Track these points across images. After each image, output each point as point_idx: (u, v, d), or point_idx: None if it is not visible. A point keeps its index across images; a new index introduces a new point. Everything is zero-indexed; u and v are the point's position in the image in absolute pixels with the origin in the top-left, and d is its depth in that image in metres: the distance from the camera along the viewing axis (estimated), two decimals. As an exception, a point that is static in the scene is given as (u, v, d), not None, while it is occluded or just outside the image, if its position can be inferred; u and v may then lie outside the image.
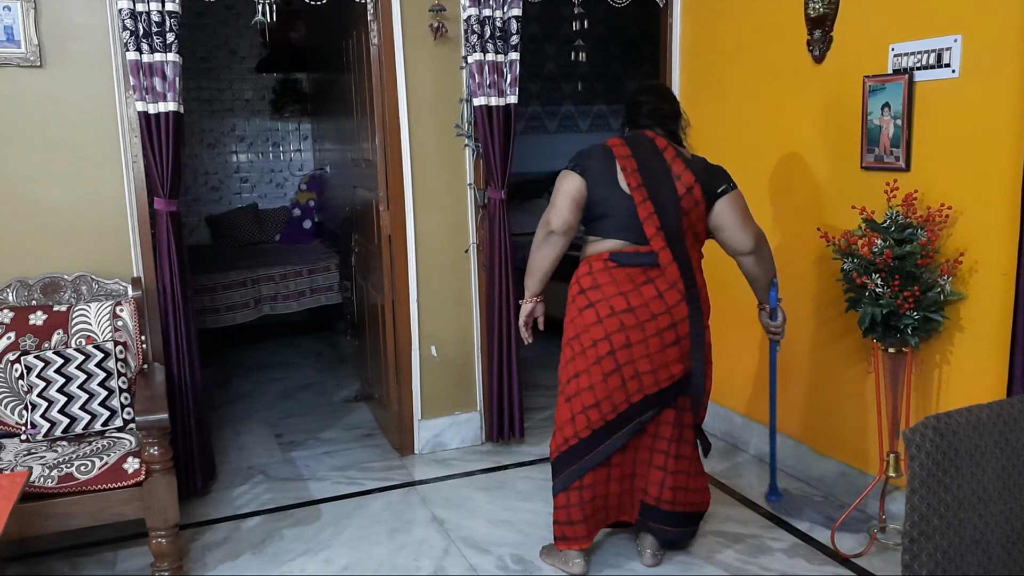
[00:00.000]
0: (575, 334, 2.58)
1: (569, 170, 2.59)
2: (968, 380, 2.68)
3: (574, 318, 2.59)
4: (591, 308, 2.53)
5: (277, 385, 4.97)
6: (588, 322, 2.53)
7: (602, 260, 2.55)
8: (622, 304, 2.50)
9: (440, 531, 3.06)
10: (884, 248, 2.61)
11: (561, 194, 2.56)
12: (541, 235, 2.59)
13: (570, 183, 2.56)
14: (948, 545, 1.45)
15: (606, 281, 2.53)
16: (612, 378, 2.52)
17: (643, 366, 2.51)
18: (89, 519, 2.55)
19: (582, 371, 2.56)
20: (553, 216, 2.55)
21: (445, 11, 3.50)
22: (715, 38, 3.70)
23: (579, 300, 2.57)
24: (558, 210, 2.54)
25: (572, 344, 2.59)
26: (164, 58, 3.02)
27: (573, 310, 2.60)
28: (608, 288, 2.52)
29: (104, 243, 3.16)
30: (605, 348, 2.51)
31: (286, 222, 6.66)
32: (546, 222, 2.56)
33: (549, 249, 2.59)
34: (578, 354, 2.57)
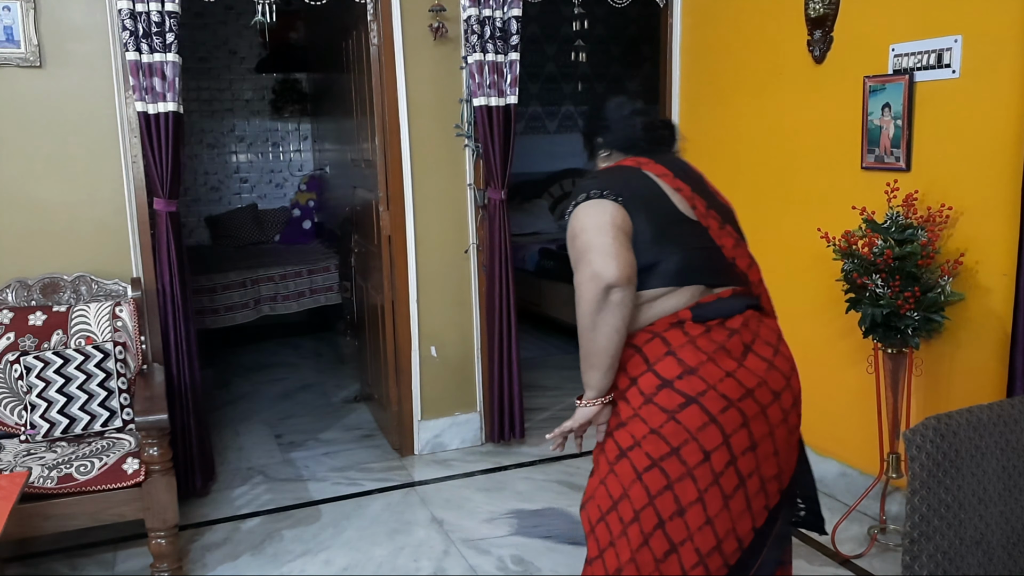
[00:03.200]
0: (670, 448, 1.66)
1: (592, 199, 1.72)
2: (968, 381, 2.68)
3: (662, 423, 1.67)
4: (693, 405, 1.65)
5: (277, 386, 4.96)
6: (692, 425, 1.65)
7: (678, 326, 1.71)
8: (735, 388, 1.67)
9: (440, 532, 3.06)
10: (884, 248, 2.60)
11: (599, 229, 1.66)
12: (592, 298, 1.64)
13: (605, 211, 1.69)
14: (948, 546, 1.45)
15: (700, 359, 1.67)
16: (735, 500, 1.67)
17: (769, 470, 1.72)
18: (89, 519, 2.55)
19: (692, 501, 1.65)
20: (603, 262, 1.62)
21: (445, 11, 3.50)
22: (715, 38, 3.70)
23: (665, 397, 1.67)
24: (607, 251, 1.63)
25: (666, 464, 1.66)
26: (164, 58, 3.02)
27: (655, 413, 1.68)
28: (710, 368, 1.67)
29: (104, 243, 3.16)
30: (723, 458, 1.66)
31: (286, 222, 6.65)
32: (594, 276, 1.62)
33: (613, 316, 1.64)
34: (680, 477, 1.66)
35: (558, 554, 2.87)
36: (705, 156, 3.80)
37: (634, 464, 1.69)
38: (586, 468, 3.50)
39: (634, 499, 1.68)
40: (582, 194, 1.74)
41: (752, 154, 3.51)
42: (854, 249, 2.73)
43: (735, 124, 3.61)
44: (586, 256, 1.66)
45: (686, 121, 3.92)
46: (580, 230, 1.70)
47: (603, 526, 1.74)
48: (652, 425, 1.67)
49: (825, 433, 3.23)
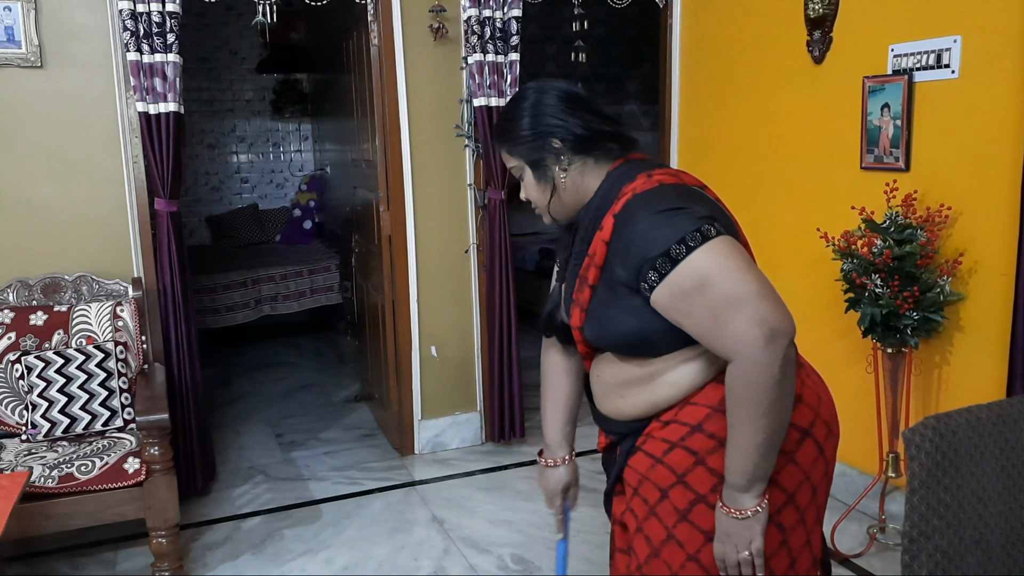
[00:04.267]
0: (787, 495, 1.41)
1: (715, 235, 1.31)
2: (968, 380, 2.68)
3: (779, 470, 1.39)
4: (808, 439, 1.42)
5: (277, 385, 4.97)
6: (807, 462, 1.42)
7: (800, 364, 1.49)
8: (829, 410, 1.49)
9: (440, 531, 3.07)
10: (884, 248, 2.61)
11: (744, 270, 1.30)
12: (776, 361, 1.26)
13: (739, 250, 1.35)
14: (948, 545, 1.45)
15: (798, 383, 1.41)
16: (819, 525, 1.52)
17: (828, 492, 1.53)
18: (89, 519, 2.55)
19: (801, 547, 1.45)
20: (774, 312, 1.27)
21: (445, 12, 3.50)
22: (715, 39, 3.70)
23: (819, 430, 1.44)
24: (772, 297, 1.29)
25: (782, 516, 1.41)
26: (164, 59, 3.03)
27: (810, 446, 1.43)
28: (807, 392, 1.45)
29: (104, 243, 3.17)
30: (824, 489, 1.48)
31: (286, 222, 6.66)
32: (772, 333, 1.26)
33: (794, 378, 1.33)
34: (793, 526, 1.42)
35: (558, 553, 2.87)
36: (705, 156, 3.81)
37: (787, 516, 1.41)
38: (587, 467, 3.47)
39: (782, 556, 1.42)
40: (691, 231, 1.30)
41: (752, 154, 3.52)
42: (853, 249, 2.73)
43: (735, 124, 3.61)
44: (744, 308, 1.26)
45: (686, 121, 3.93)
46: (719, 277, 1.28)
47: None
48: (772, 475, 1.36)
49: (825, 433, 3.23)
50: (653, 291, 1.34)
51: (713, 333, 1.30)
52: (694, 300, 1.31)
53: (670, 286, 1.32)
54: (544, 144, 1.46)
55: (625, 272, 1.38)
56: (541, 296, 5.89)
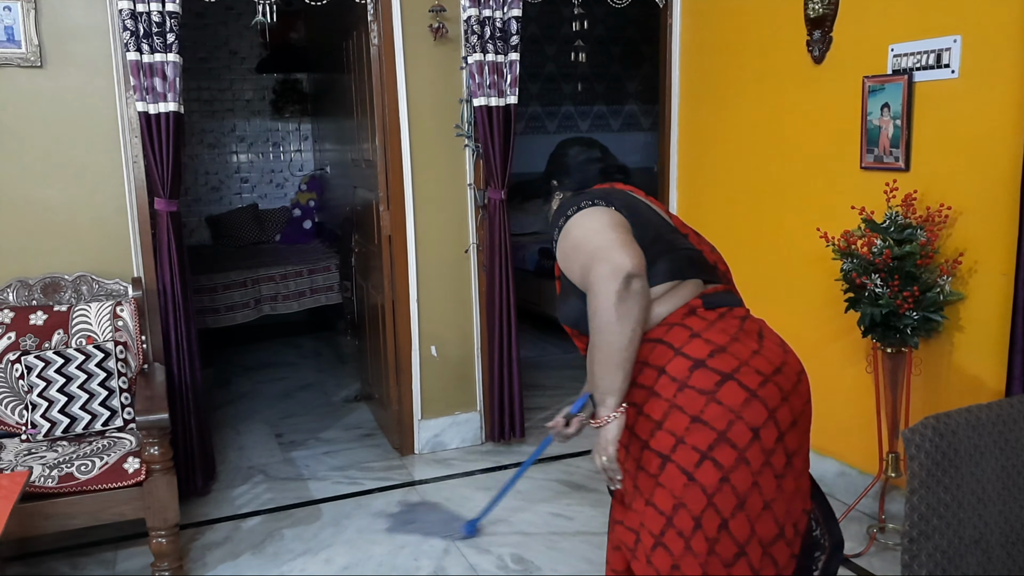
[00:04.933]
0: (717, 433, 1.55)
1: (584, 208, 1.71)
2: (968, 380, 2.68)
3: (703, 407, 1.57)
4: (731, 382, 1.57)
5: (277, 385, 4.97)
6: (735, 403, 1.56)
7: (693, 313, 1.67)
8: (765, 365, 1.61)
9: (440, 531, 3.07)
10: (883, 248, 2.61)
11: (603, 229, 1.65)
12: (612, 290, 1.55)
13: (602, 214, 1.69)
14: (948, 545, 1.45)
15: (725, 339, 1.62)
16: (787, 480, 1.60)
17: (806, 448, 1.68)
18: (89, 519, 2.55)
19: (749, 488, 1.56)
20: (619, 254, 1.58)
21: (445, 11, 3.50)
22: (715, 38, 3.70)
23: (700, 377, 1.58)
24: (619, 245, 1.60)
25: (716, 452, 1.55)
26: (164, 58, 3.03)
27: (692, 398, 1.58)
28: (737, 346, 1.62)
29: (104, 243, 3.17)
30: (772, 434, 1.57)
31: (286, 222, 6.66)
32: (614, 269, 1.56)
33: (636, 305, 1.57)
34: (733, 464, 1.55)
35: (558, 553, 2.87)
36: (705, 156, 3.81)
37: (682, 466, 1.56)
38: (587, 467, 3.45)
39: (691, 505, 1.56)
40: (571, 207, 1.73)
41: (751, 154, 3.52)
42: (853, 249, 2.73)
43: (735, 124, 3.61)
44: (598, 256, 1.60)
45: (686, 121, 3.93)
46: (582, 237, 1.67)
47: (661, 551, 1.59)
48: (692, 412, 1.56)
49: (824, 432, 3.23)
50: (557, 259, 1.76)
51: (584, 280, 1.64)
52: (572, 257, 1.70)
53: (559, 250, 1.75)
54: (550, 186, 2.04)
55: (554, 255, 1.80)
56: (541, 296, 5.90)
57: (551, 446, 1.95)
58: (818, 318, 3.20)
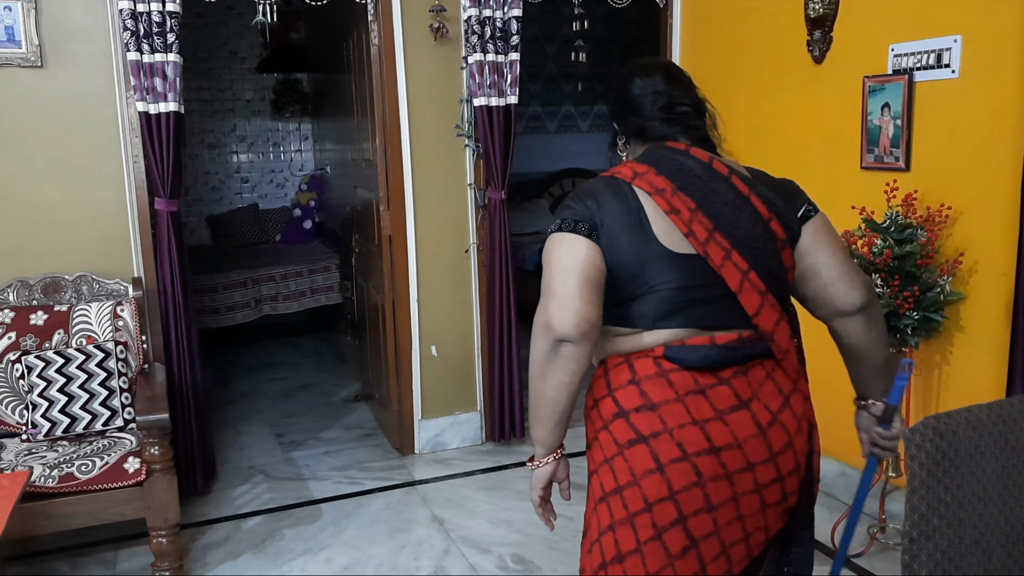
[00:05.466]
0: (616, 485, 1.50)
1: (564, 231, 1.49)
2: (968, 380, 2.68)
3: (613, 456, 1.51)
4: (642, 445, 1.47)
5: (277, 385, 4.97)
6: (639, 469, 1.47)
7: (650, 359, 1.50)
8: (698, 440, 1.46)
9: (440, 531, 3.07)
10: (884, 248, 2.61)
11: (563, 272, 1.46)
12: (542, 347, 1.46)
13: (573, 252, 1.48)
14: (948, 545, 1.45)
15: (666, 397, 1.47)
16: (684, 562, 1.47)
17: (731, 535, 1.50)
18: (90, 519, 2.55)
19: (631, 551, 1.48)
20: (556, 311, 1.44)
21: (445, 11, 3.50)
22: (715, 38, 3.70)
23: (618, 428, 1.50)
24: (566, 301, 1.44)
25: (611, 500, 1.51)
26: (165, 58, 3.03)
27: (608, 441, 1.52)
28: (671, 410, 1.47)
29: (105, 243, 3.17)
30: (669, 515, 1.46)
31: (286, 222, 6.66)
32: (545, 324, 1.45)
33: (562, 370, 1.46)
34: (622, 520, 1.49)
35: (558, 553, 2.87)
36: (705, 156, 3.81)
37: (592, 492, 1.57)
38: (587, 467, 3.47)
39: (591, 527, 1.57)
40: (557, 219, 1.51)
41: (751, 154, 3.51)
42: (854, 249, 2.73)
43: (735, 124, 3.58)
44: (544, 299, 1.47)
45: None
46: (547, 264, 1.50)
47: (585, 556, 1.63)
48: (606, 454, 1.51)
49: (824, 432, 3.22)
50: None
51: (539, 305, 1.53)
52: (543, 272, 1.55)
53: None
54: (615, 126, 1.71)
55: None
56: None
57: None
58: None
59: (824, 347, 3.00)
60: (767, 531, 1.55)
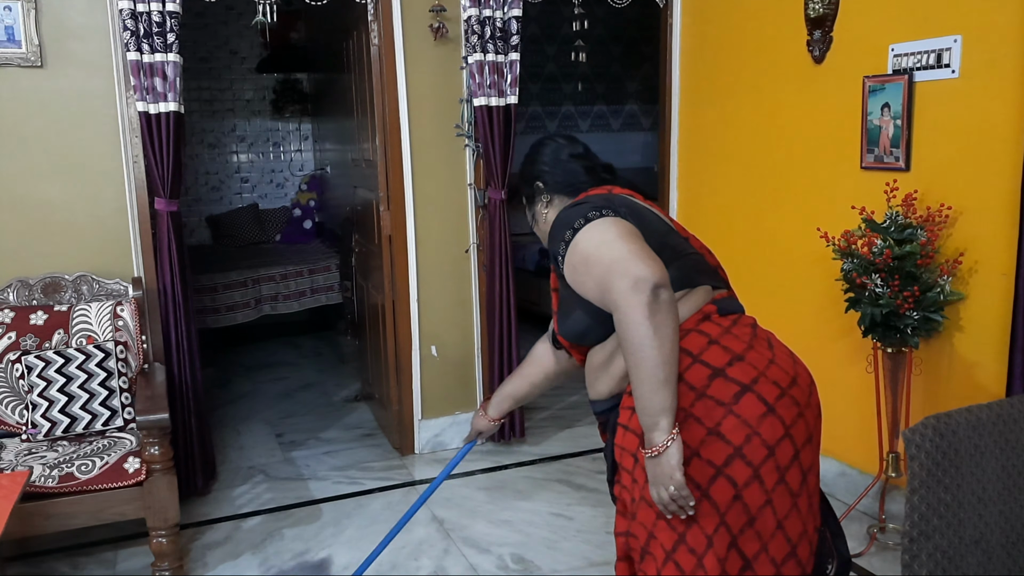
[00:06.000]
0: (733, 449, 1.48)
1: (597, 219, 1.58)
2: (968, 380, 2.68)
3: (721, 419, 1.49)
4: (749, 393, 1.50)
5: (277, 385, 4.97)
6: (753, 416, 1.48)
7: (708, 319, 1.60)
8: (781, 375, 1.54)
9: (440, 531, 3.07)
10: (884, 248, 2.61)
11: (618, 240, 1.53)
12: (642, 303, 1.43)
13: (617, 224, 1.57)
14: (948, 545, 1.45)
15: (742, 346, 1.55)
16: (802, 498, 1.53)
17: (818, 464, 1.61)
18: (90, 519, 2.55)
19: (762, 505, 1.48)
20: (641, 266, 1.46)
21: (445, 11, 3.50)
22: (715, 38, 3.70)
23: (718, 387, 1.50)
24: (640, 256, 1.48)
25: (730, 469, 1.48)
26: (165, 58, 3.03)
27: (709, 407, 1.50)
28: (753, 355, 1.55)
29: (105, 243, 3.17)
30: (788, 452, 1.50)
31: (287, 222, 6.66)
32: (639, 281, 1.44)
33: (669, 315, 1.46)
34: (748, 481, 1.47)
35: (558, 553, 2.87)
36: (705, 156, 3.81)
37: (696, 480, 1.47)
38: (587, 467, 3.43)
39: (703, 522, 1.48)
40: (577, 219, 1.58)
41: (752, 154, 3.52)
42: (853, 249, 2.73)
43: (735, 124, 3.61)
44: (616, 269, 1.47)
45: (686, 121, 3.93)
46: (594, 250, 1.54)
47: (672, 566, 1.51)
48: (709, 424, 1.47)
49: (824, 432, 3.22)
50: (564, 274, 1.64)
51: (601, 297, 1.54)
52: (584, 272, 1.57)
53: (568, 266, 1.61)
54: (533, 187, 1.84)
55: (556, 268, 1.67)
56: (541, 296, 5.90)
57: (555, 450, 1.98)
58: (818, 318, 3.20)
59: (822, 347, 3.00)
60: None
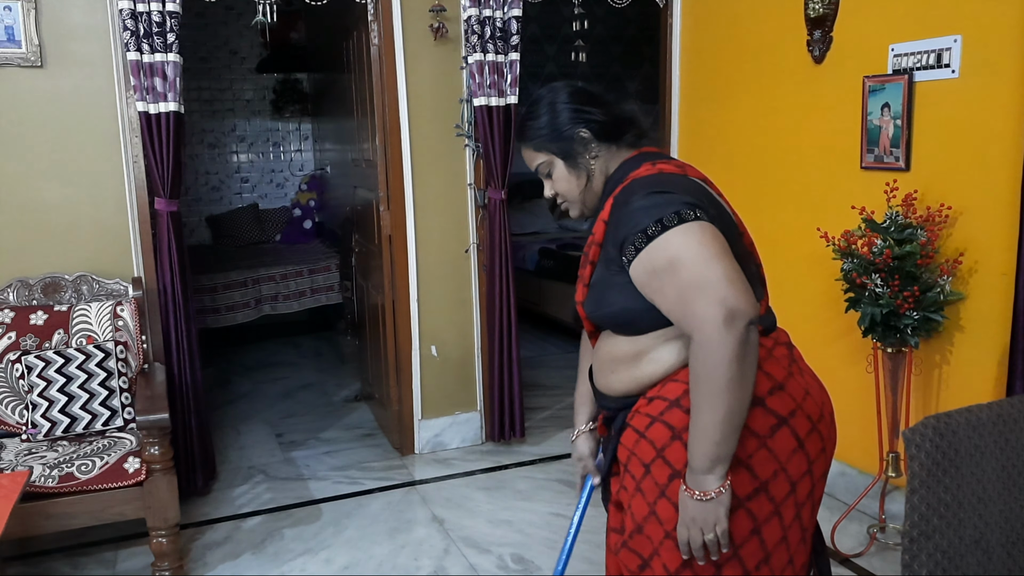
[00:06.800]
0: (757, 484, 1.40)
1: (686, 221, 1.38)
2: (968, 380, 2.68)
3: (753, 452, 1.39)
4: (784, 427, 1.41)
5: (277, 385, 4.97)
6: (785, 452, 1.41)
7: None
8: (815, 408, 1.46)
9: (440, 531, 3.07)
10: (884, 248, 2.61)
11: (715, 257, 1.35)
12: (735, 341, 1.30)
13: (716, 237, 1.39)
14: (948, 545, 1.45)
15: (783, 373, 1.45)
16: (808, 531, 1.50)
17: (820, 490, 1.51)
18: (90, 519, 2.55)
19: (778, 543, 1.43)
20: (734, 297, 1.31)
21: (445, 11, 3.50)
22: (715, 38, 3.70)
23: (755, 418, 1.39)
24: (734, 282, 1.33)
25: (751, 504, 1.40)
26: (165, 58, 3.03)
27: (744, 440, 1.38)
28: (793, 384, 1.45)
29: (105, 243, 3.17)
30: (806, 488, 1.44)
31: (286, 222, 6.66)
32: (730, 315, 1.30)
33: (754, 359, 1.35)
34: (768, 517, 1.41)
35: (558, 553, 2.87)
36: (705, 156, 3.81)
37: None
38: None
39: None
40: (668, 213, 1.37)
41: (751, 154, 3.52)
42: (853, 249, 2.73)
43: (735, 124, 3.61)
44: (711, 293, 1.31)
45: (686, 121, 3.93)
46: (690, 261, 1.34)
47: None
48: (740, 455, 1.37)
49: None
50: (631, 266, 1.42)
51: (680, 311, 1.37)
52: (664, 278, 1.37)
53: (644, 262, 1.40)
54: (574, 134, 1.55)
55: (614, 249, 1.46)
56: (541, 296, 5.90)
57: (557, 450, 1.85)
58: (818, 318, 3.20)
59: (822, 347, 3.00)
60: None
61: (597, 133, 1.56)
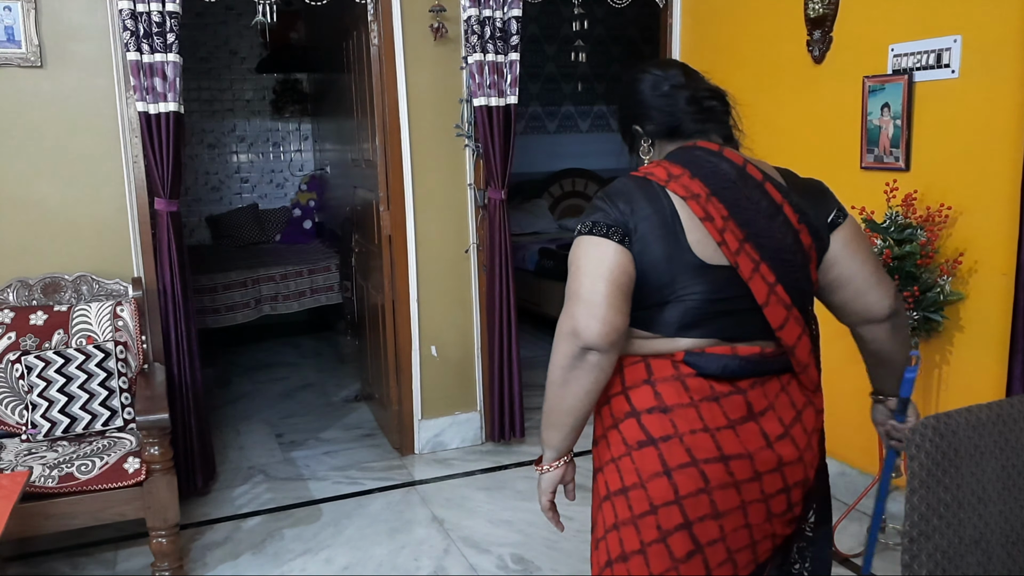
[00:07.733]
0: (621, 485, 1.49)
1: (596, 235, 1.43)
2: (968, 380, 2.68)
3: (620, 456, 1.49)
4: (651, 447, 1.45)
5: (277, 385, 4.97)
6: (647, 471, 1.45)
7: (668, 361, 1.47)
8: (708, 447, 1.44)
9: (440, 531, 3.07)
10: (884, 248, 2.61)
11: (593, 278, 1.41)
12: (566, 353, 1.42)
13: (604, 258, 1.42)
14: (948, 545, 1.45)
15: (680, 401, 1.45)
16: (689, 565, 1.46)
17: (738, 542, 1.49)
18: (90, 519, 2.55)
19: (634, 552, 1.47)
20: (584, 319, 1.40)
21: (445, 11, 3.50)
22: (715, 38, 3.70)
23: (628, 427, 1.47)
24: (592, 306, 1.40)
25: (616, 500, 1.50)
26: (164, 58, 3.03)
27: (616, 440, 1.49)
28: (684, 415, 1.45)
29: (104, 243, 3.17)
30: (674, 519, 1.44)
31: (286, 222, 6.66)
32: (571, 331, 1.41)
33: (586, 378, 1.42)
34: (626, 521, 1.48)
35: (558, 553, 2.87)
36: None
37: (597, 490, 1.57)
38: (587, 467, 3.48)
39: (597, 525, 1.57)
40: (588, 220, 1.45)
41: (751, 154, 3.51)
42: (854, 249, 2.73)
43: (735, 124, 3.60)
44: (571, 304, 1.42)
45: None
46: (575, 268, 1.45)
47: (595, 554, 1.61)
48: (613, 454, 1.49)
49: (826, 433, 3.23)
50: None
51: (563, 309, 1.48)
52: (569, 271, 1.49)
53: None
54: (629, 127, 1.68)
55: None
56: (541, 296, 5.90)
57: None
58: (818, 318, 3.19)
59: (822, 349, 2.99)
60: (773, 539, 1.55)
61: (651, 132, 1.64)
